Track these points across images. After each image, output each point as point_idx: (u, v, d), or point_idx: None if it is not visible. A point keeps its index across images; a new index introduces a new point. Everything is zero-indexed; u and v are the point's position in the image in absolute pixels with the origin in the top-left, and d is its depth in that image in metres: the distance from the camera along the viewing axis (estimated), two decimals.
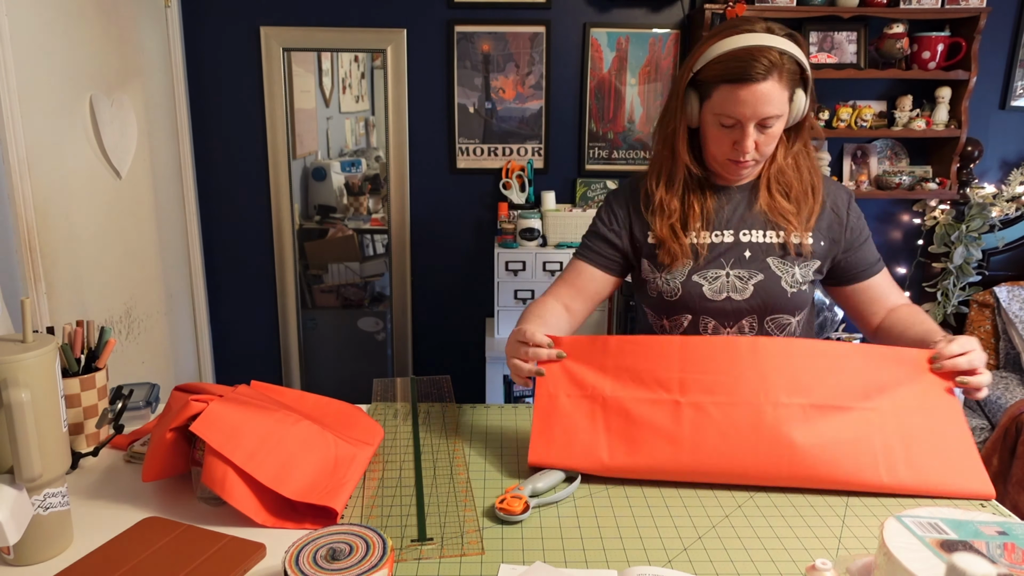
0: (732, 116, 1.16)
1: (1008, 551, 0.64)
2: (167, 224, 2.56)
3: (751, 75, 1.12)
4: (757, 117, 1.15)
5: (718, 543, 0.88)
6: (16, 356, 0.76)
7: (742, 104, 1.14)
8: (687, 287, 1.27)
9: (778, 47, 1.13)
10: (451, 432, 1.18)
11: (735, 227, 1.28)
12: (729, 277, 1.27)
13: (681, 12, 2.74)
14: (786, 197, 1.27)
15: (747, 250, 1.27)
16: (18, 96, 1.66)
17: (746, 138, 1.17)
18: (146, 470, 0.96)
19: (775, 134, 1.19)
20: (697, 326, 1.30)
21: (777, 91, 1.14)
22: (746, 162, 1.21)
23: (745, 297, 1.27)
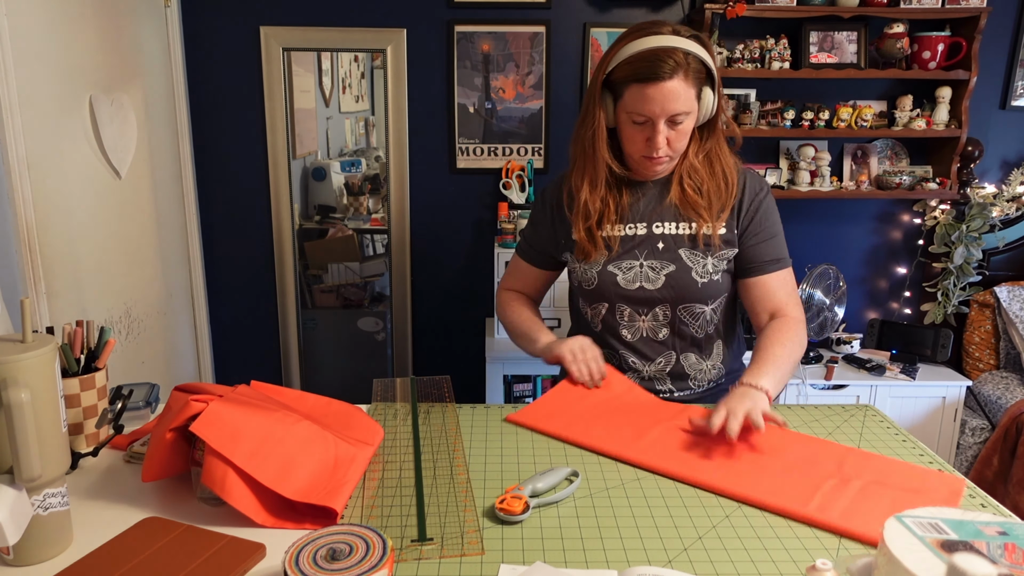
0: (643, 114, 1.22)
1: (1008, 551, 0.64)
2: (167, 224, 2.56)
3: (658, 74, 1.18)
4: (666, 114, 1.21)
5: (718, 543, 0.88)
6: (16, 356, 0.76)
7: (651, 102, 1.20)
8: (602, 276, 1.36)
9: (683, 48, 1.19)
10: (451, 432, 1.18)
11: (648, 220, 1.34)
12: (643, 268, 1.34)
13: (681, 12, 2.74)
14: (697, 192, 1.32)
15: (660, 241, 1.34)
16: (18, 96, 1.66)
17: (657, 134, 1.23)
18: (146, 470, 0.96)
19: (686, 131, 1.25)
20: (614, 313, 1.39)
21: (683, 89, 1.20)
22: (659, 158, 1.27)
23: (657, 287, 1.33)
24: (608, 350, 1.41)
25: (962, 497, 0.98)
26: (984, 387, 2.73)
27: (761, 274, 1.34)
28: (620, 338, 1.39)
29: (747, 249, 1.34)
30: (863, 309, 3.09)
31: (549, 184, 1.47)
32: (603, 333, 1.42)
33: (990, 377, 2.76)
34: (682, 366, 1.39)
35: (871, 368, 2.70)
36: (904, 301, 3.04)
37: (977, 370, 2.85)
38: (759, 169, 2.87)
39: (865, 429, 1.22)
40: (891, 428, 1.23)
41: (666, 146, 1.25)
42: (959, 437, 2.71)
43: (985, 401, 2.70)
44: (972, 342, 2.89)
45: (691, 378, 1.41)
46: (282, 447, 0.94)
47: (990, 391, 2.69)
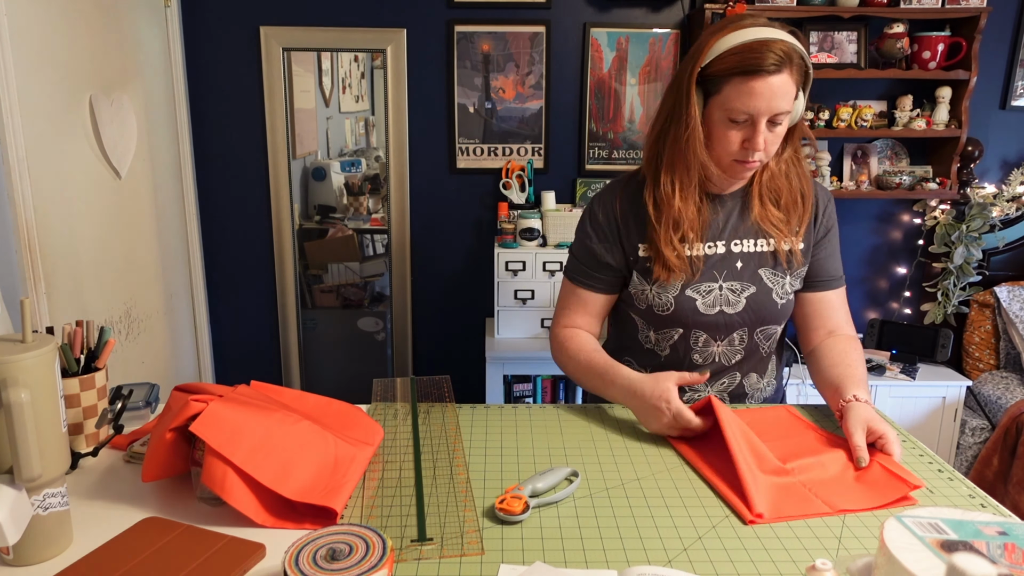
0: (744, 111, 1.10)
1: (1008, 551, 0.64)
2: (167, 224, 2.56)
3: (765, 67, 1.08)
4: (771, 111, 1.10)
5: (718, 543, 0.88)
6: (16, 356, 0.76)
7: (756, 97, 1.09)
8: (680, 301, 1.24)
9: (787, 40, 1.10)
10: (451, 432, 1.18)
11: (727, 237, 1.25)
12: (722, 290, 1.24)
13: (681, 12, 2.74)
14: (776, 205, 1.24)
15: (739, 261, 1.24)
16: (18, 96, 1.66)
17: (758, 135, 1.12)
18: (145, 470, 0.96)
19: (782, 133, 1.15)
20: (688, 339, 1.28)
21: (789, 85, 1.10)
22: (754, 162, 1.15)
23: (738, 310, 1.25)
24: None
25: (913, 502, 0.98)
26: (984, 387, 2.73)
27: (826, 290, 1.28)
28: (689, 363, 1.29)
29: (815, 263, 1.28)
30: (863, 309, 3.09)
31: (601, 195, 1.31)
32: (667, 360, 1.30)
33: (990, 377, 2.76)
34: (743, 386, 1.33)
35: (871, 368, 2.70)
36: (904, 301, 3.04)
37: (977, 370, 2.85)
38: None
39: None
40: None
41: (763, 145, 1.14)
42: (959, 437, 2.71)
43: (985, 401, 2.70)
44: (972, 342, 2.89)
45: (749, 396, 1.35)
46: (282, 447, 0.94)
47: (990, 391, 2.69)
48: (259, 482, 0.90)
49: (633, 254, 1.27)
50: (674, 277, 1.23)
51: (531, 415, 1.25)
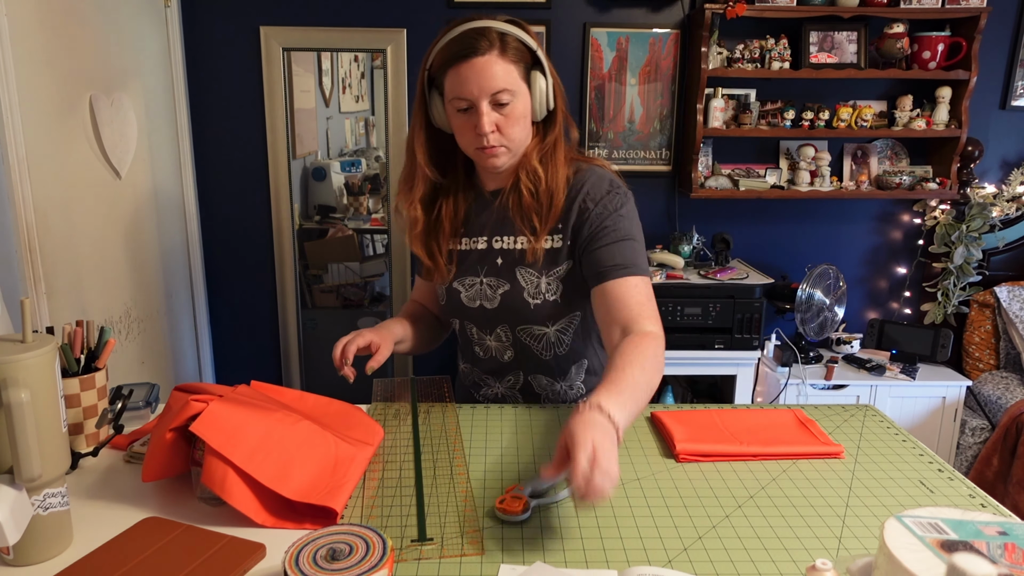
0: (462, 97, 1.14)
1: (1008, 551, 0.64)
2: (167, 224, 2.56)
3: (469, 51, 1.11)
4: (486, 93, 1.12)
5: (718, 543, 0.88)
6: (16, 356, 0.76)
7: (466, 81, 1.12)
8: (449, 293, 1.31)
9: (497, 27, 1.13)
10: (451, 432, 1.18)
11: (489, 233, 1.26)
12: (482, 285, 1.28)
13: (681, 12, 2.74)
14: (534, 196, 1.21)
15: (499, 257, 1.26)
16: (18, 96, 1.66)
17: (481, 116, 1.13)
18: (146, 470, 0.96)
19: (516, 115, 1.15)
20: (465, 330, 1.35)
21: (501, 65, 1.12)
22: (493, 147, 1.16)
23: (494, 306, 1.27)
24: (469, 364, 1.40)
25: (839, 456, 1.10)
26: (984, 387, 2.73)
27: (604, 280, 1.15)
28: (474, 355, 1.37)
29: (588, 255, 1.19)
30: (863, 309, 3.09)
31: None
32: (462, 347, 1.40)
33: (990, 377, 2.76)
34: (531, 385, 1.34)
35: (871, 368, 2.70)
36: (904, 301, 3.04)
37: (977, 370, 2.85)
38: (759, 169, 2.87)
39: (865, 429, 1.22)
40: (891, 428, 1.23)
41: (496, 132, 1.15)
42: (959, 437, 2.71)
43: (985, 401, 2.70)
44: (972, 342, 2.89)
45: (543, 398, 1.35)
46: (282, 447, 0.94)
47: (990, 391, 2.69)
48: (259, 482, 0.90)
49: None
50: (433, 274, 1.31)
51: (531, 415, 1.25)
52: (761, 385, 2.69)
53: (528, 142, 1.22)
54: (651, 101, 2.82)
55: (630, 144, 2.86)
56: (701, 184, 2.75)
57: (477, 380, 1.40)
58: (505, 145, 1.17)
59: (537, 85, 1.17)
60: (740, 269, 2.74)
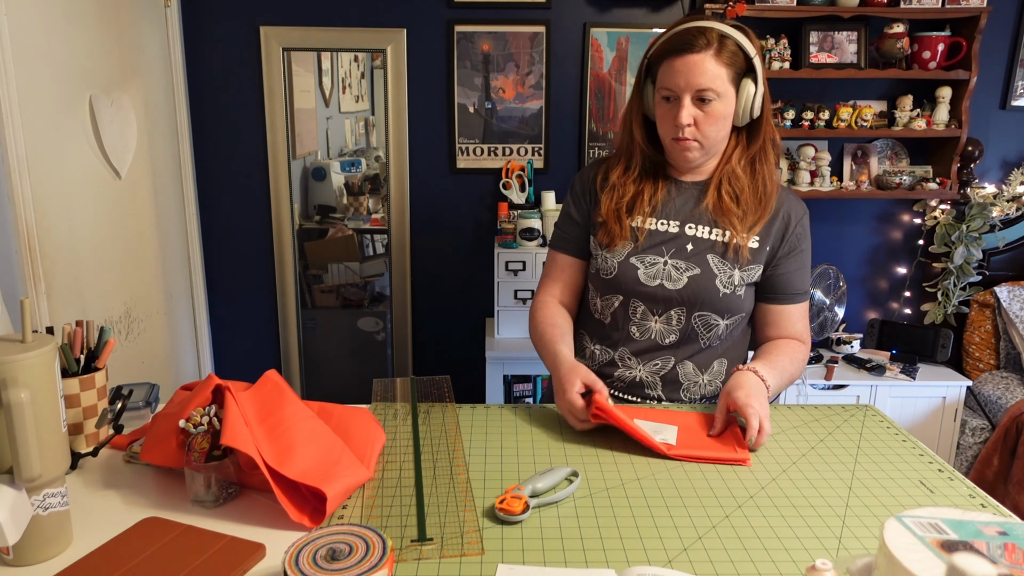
0: (669, 88, 1.21)
1: (1008, 551, 0.64)
2: (167, 224, 2.56)
3: (685, 47, 1.19)
4: (691, 88, 1.19)
5: (718, 543, 0.88)
6: (16, 356, 0.76)
7: (676, 74, 1.20)
8: (623, 267, 1.31)
9: (720, 29, 1.20)
10: (451, 432, 1.18)
11: (682, 219, 1.31)
12: (666, 265, 1.29)
13: (681, 12, 2.74)
14: (735, 200, 1.28)
15: (690, 243, 1.30)
16: (18, 96, 1.66)
17: (682, 108, 1.20)
18: (145, 448, 0.98)
19: (716, 114, 1.21)
20: (627, 308, 1.34)
21: (712, 65, 1.19)
22: (686, 140, 1.23)
23: (678, 288, 1.29)
24: (607, 345, 1.37)
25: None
26: (984, 387, 2.73)
27: (787, 304, 1.33)
28: (627, 335, 1.34)
29: (780, 275, 1.32)
30: (863, 309, 3.09)
31: (582, 170, 1.45)
32: (609, 329, 1.36)
33: (990, 377, 2.76)
34: (677, 373, 1.34)
35: (871, 368, 2.70)
36: (904, 301, 3.04)
37: (977, 370, 2.85)
38: None
39: (865, 429, 1.22)
40: (891, 428, 1.23)
41: (693, 127, 1.22)
42: (959, 437, 2.71)
43: (985, 401, 2.70)
44: (972, 342, 2.89)
45: (683, 388, 1.35)
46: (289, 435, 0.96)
47: (990, 391, 2.69)
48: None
49: (593, 220, 1.37)
50: (616, 243, 1.31)
51: (531, 415, 1.25)
52: None
53: (724, 143, 1.29)
54: None
55: None
56: None
57: (616, 361, 1.36)
58: (699, 140, 1.24)
59: (745, 91, 1.22)
60: None
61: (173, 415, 0.98)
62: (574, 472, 1.03)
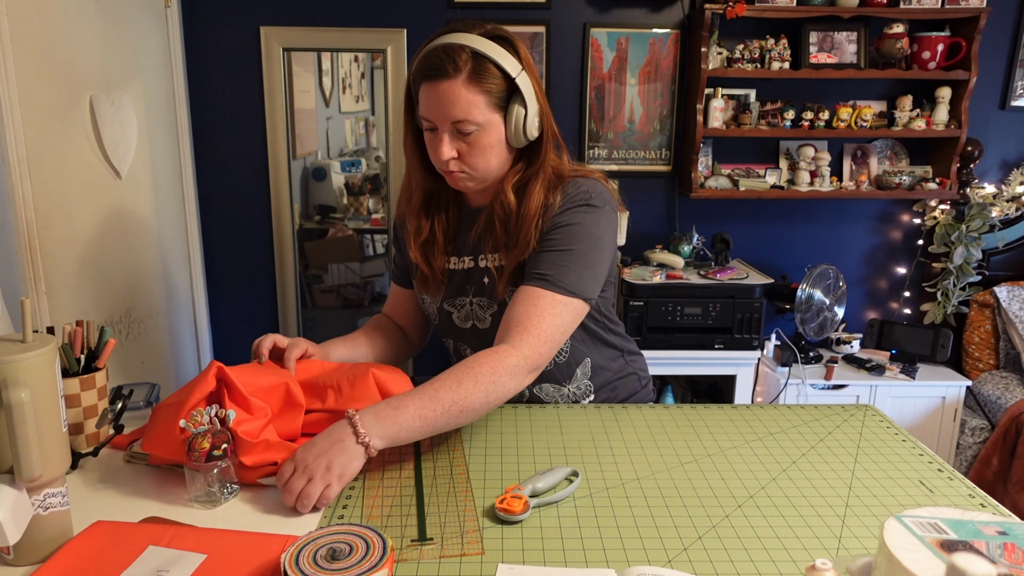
0: (425, 117, 1.08)
1: (1008, 551, 0.64)
2: (167, 224, 2.56)
3: (434, 72, 1.04)
4: (447, 120, 1.06)
5: (718, 543, 0.88)
6: (16, 356, 0.76)
7: (430, 102, 1.06)
8: (440, 313, 1.27)
9: (474, 47, 1.04)
10: (451, 432, 1.18)
11: (474, 252, 1.21)
12: (472, 305, 1.23)
13: (681, 12, 2.74)
14: (504, 227, 1.15)
15: (485, 276, 1.21)
16: (18, 96, 1.66)
17: (440, 144, 1.07)
18: (147, 441, 1.00)
19: (481, 145, 1.08)
20: (460, 352, 1.29)
21: (464, 95, 1.04)
22: (455, 172, 1.11)
23: (487, 326, 1.23)
24: None
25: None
26: (984, 387, 2.73)
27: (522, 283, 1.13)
28: None
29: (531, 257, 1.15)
30: (863, 309, 3.09)
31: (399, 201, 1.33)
32: None
33: (990, 377, 2.76)
34: (538, 396, 1.30)
35: (871, 368, 2.70)
36: (904, 301, 3.04)
37: (977, 370, 2.86)
38: (759, 169, 2.87)
39: (865, 429, 1.22)
40: (891, 428, 1.23)
41: (457, 159, 1.09)
42: (959, 437, 2.71)
43: (985, 401, 2.70)
44: (972, 342, 2.89)
45: (555, 403, 1.31)
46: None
47: (990, 391, 2.69)
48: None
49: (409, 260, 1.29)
50: (429, 290, 1.25)
51: (531, 415, 1.25)
52: (761, 385, 2.70)
53: (503, 169, 1.15)
54: (651, 101, 2.83)
55: (630, 144, 2.86)
56: (701, 184, 2.75)
57: None
58: (466, 171, 1.11)
59: (514, 115, 1.08)
60: (740, 269, 2.74)
61: (174, 405, 0.99)
62: (574, 472, 1.04)
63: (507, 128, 1.10)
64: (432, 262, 1.22)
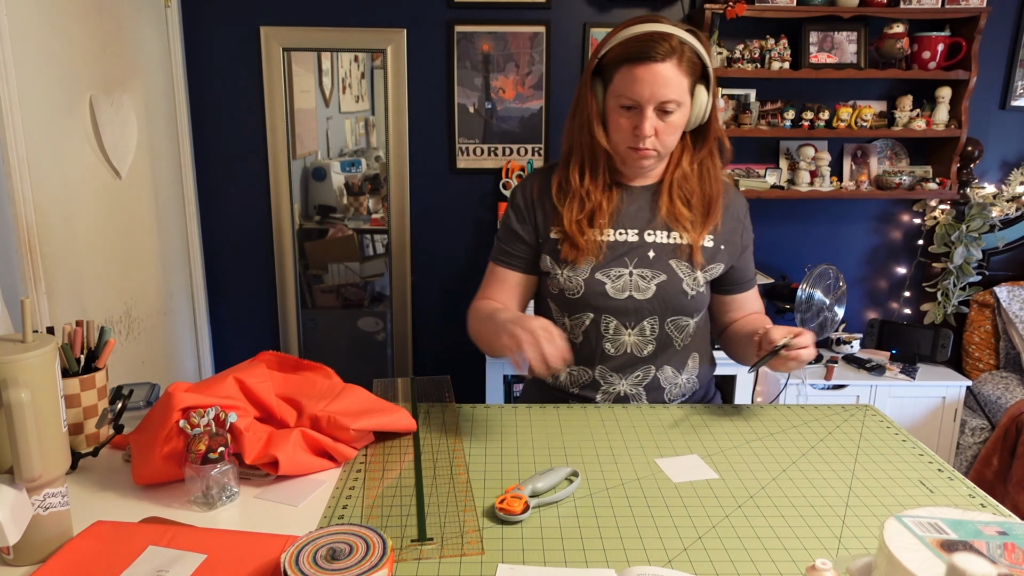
0: (631, 97, 1.17)
1: (1008, 551, 0.64)
2: (167, 224, 2.56)
3: (650, 55, 1.14)
4: (656, 99, 1.16)
5: (718, 543, 0.88)
6: (16, 356, 0.76)
7: (640, 83, 1.15)
8: (589, 284, 1.27)
9: (679, 35, 1.16)
10: (451, 432, 1.18)
11: (640, 227, 1.29)
12: (632, 276, 1.27)
13: (681, 12, 2.74)
14: (687, 204, 1.28)
15: (651, 250, 1.28)
16: (18, 96, 1.66)
17: (645, 120, 1.17)
18: (138, 473, 0.98)
19: (676, 124, 1.20)
20: (599, 325, 1.29)
21: (676, 75, 1.15)
22: (647, 150, 1.21)
23: (647, 297, 1.27)
24: (584, 365, 1.33)
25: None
26: (984, 387, 2.73)
27: (745, 291, 1.38)
28: (602, 352, 1.30)
29: (736, 269, 1.35)
30: (863, 309, 3.09)
31: (522, 181, 1.39)
32: (582, 348, 1.32)
33: (990, 377, 2.76)
34: (659, 379, 1.33)
35: (871, 368, 2.70)
36: (904, 301, 3.04)
37: (977, 370, 2.85)
38: (759, 169, 2.87)
39: (865, 429, 1.22)
40: (891, 428, 1.23)
41: (654, 137, 1.19)
42: (959, 437, 2.71)
43: (985, 401, 2.70)
44: (972, 342, 2.89)
45: (666, 392, 1.35)
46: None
47: (990, 391, 2.69)
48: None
49: (545, 236, 1.31)
50: (582, 258, 1.26)
51: (531, 415, 1.25)
52: (761, 385, 2.70)
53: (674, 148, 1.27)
54: None
55: None
56: None
57: (597, 380, 1.33)
58: (658, 150, 1.22)
59: (699, 98, 1.20)
60: None
61: (146, 431, 0.98)
62: (574, 472, 1.04)
63: (692, 110, 1.21)
64: (588, 232, 1.27)
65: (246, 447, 0.99)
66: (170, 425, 0.95)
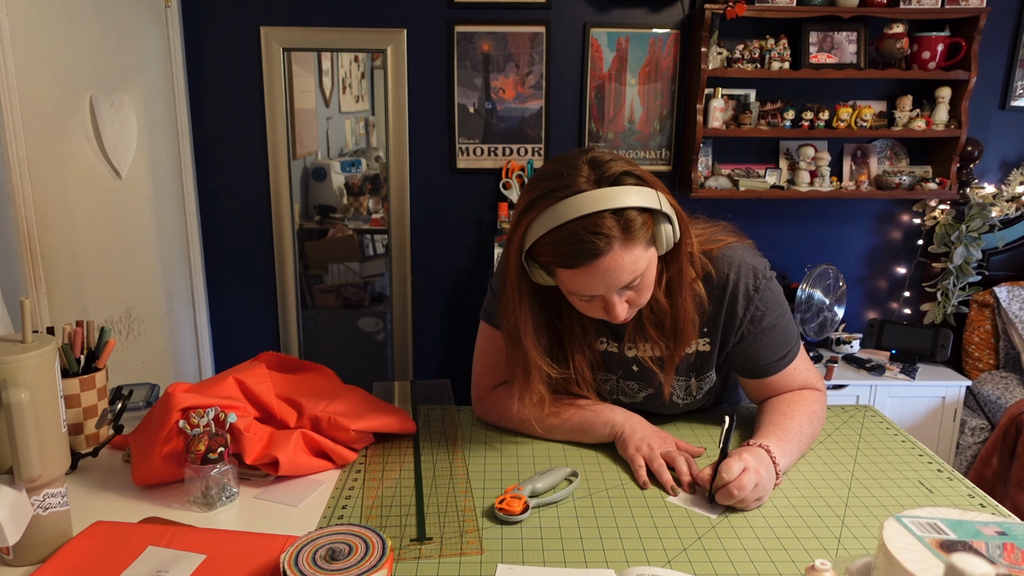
0: (584, 294, 1.00)
1: (1008, 551, 0.64)
2: (167, 224, 2.56)
3: (589, 256, 0.93)
4: (614, 288, 0.97)
5: (718, 543, 0.88)
6: (16, 356, 0.76)
7: (591, 281, 0.96)
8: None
9: (611, 207, 0.92)
10: (451, 433, 1.18)
11: (620, 340, 1.16)
12: (619, 383, 1.20)
13: (681, 12, 2.74)
14: (659, 327, 1.10)
15: (633, 364, 1.17)
16: (18, 96, 1.66)
17: (613, 307, 1.00)
18: (138, 474, 0.98)
19: (647, 283, 1.01)
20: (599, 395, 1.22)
21: (628, 257, 0.95)
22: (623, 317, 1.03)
23: (636, 401, 1.21)
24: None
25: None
26: (984, 387, 2.73)
27: (768, 376, 1.15)
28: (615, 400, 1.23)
29: (742, 354, 1.14)
30: (863, 309, 3.09)
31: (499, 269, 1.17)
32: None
33: (990, 377, 2.76)
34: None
35: (871, 368, 2.70)
36: (904, 301, 3.04)
37: (977, 370, 2.86)
38: (759, 169, 2.87)
39: (864, 429, 1.22)
40: (890, 429, 1.23)
41: (626, 308, 1.02)
42: (959, 437, 2.71)
43: (985, 401, 2.70)
44: (972, 342, 2.89)
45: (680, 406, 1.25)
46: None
47: (990, 391, 2.69)
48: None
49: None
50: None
51: None
52: None
53: None
54: (651, 101, 2.83)
55: (630, 144, 2.86)
56: (701, 184, 2.75)
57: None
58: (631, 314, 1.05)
59: (663, 238, 1.00)
60: None
61: (145, 432, 0.99)
62: (574, 472, 1.04)
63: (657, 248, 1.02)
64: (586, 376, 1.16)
65: (246, 447, 0.99)
66: (170, 425, 0.96)
